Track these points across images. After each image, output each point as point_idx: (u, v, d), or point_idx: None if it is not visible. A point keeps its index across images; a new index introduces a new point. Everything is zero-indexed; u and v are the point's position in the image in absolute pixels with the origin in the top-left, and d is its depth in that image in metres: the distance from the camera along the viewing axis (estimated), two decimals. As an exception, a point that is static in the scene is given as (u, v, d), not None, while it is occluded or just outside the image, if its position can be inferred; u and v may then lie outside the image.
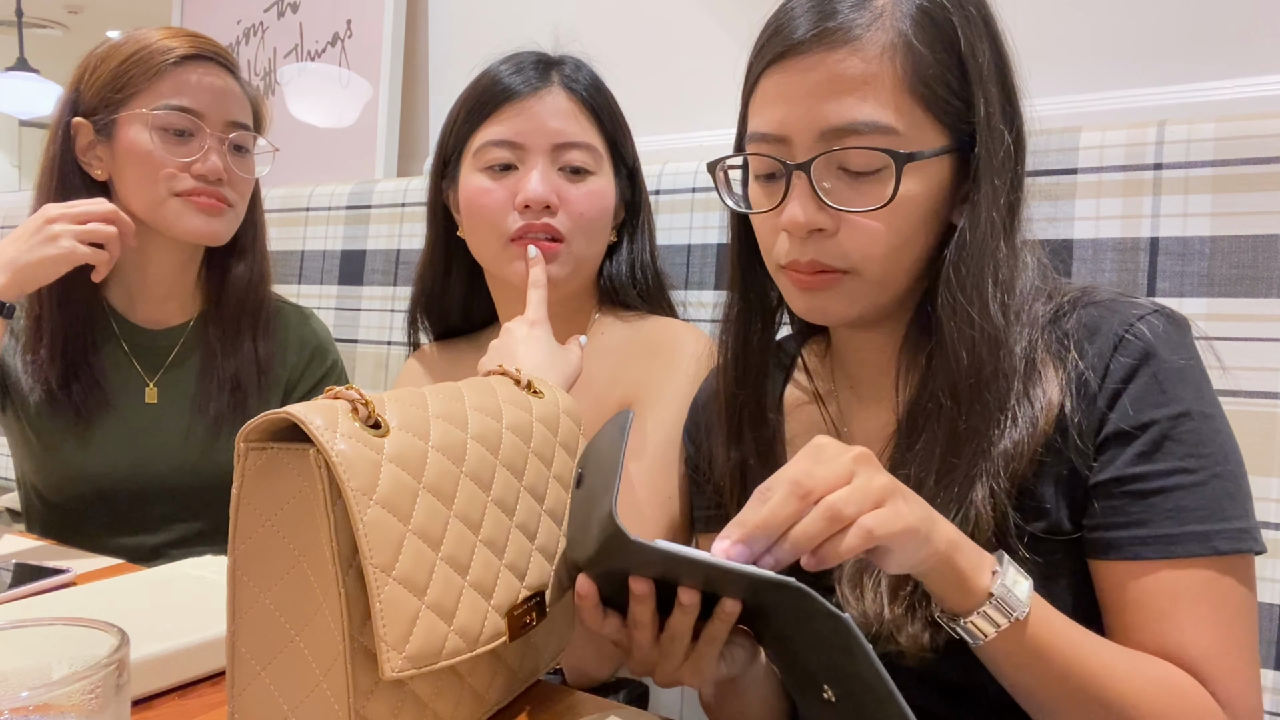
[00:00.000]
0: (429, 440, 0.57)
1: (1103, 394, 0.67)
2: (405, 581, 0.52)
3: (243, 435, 0.53)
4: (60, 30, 4.45)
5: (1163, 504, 0.65)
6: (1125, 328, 0.68)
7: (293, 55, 2.11)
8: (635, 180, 1.12)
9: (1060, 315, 0.71)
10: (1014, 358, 0.68)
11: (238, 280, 1.26)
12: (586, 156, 1.04)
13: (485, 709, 0.63)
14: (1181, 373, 0.67)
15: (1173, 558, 0.64)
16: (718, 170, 0.77)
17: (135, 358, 1.23)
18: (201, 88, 1.16)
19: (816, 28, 0.69)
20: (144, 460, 1.20)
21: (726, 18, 1.50)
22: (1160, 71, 1.14)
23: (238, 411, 1.23)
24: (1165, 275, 0.96)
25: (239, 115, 1.20)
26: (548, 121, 1.03)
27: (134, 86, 1.14)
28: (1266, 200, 0.91)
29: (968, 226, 0.70)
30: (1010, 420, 0.67)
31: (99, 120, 1.15)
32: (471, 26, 1.86)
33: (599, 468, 0.61)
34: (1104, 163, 1.00)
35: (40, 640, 0.46)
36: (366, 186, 1.70)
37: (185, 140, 1.15)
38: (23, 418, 1.19)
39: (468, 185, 1.05)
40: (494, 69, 1.06)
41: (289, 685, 0.54)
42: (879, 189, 0.68)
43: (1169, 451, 0.65)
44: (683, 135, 1.50)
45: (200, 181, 1.15)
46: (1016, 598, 0.61)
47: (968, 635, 0.62)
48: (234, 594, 0.55)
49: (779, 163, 0.71)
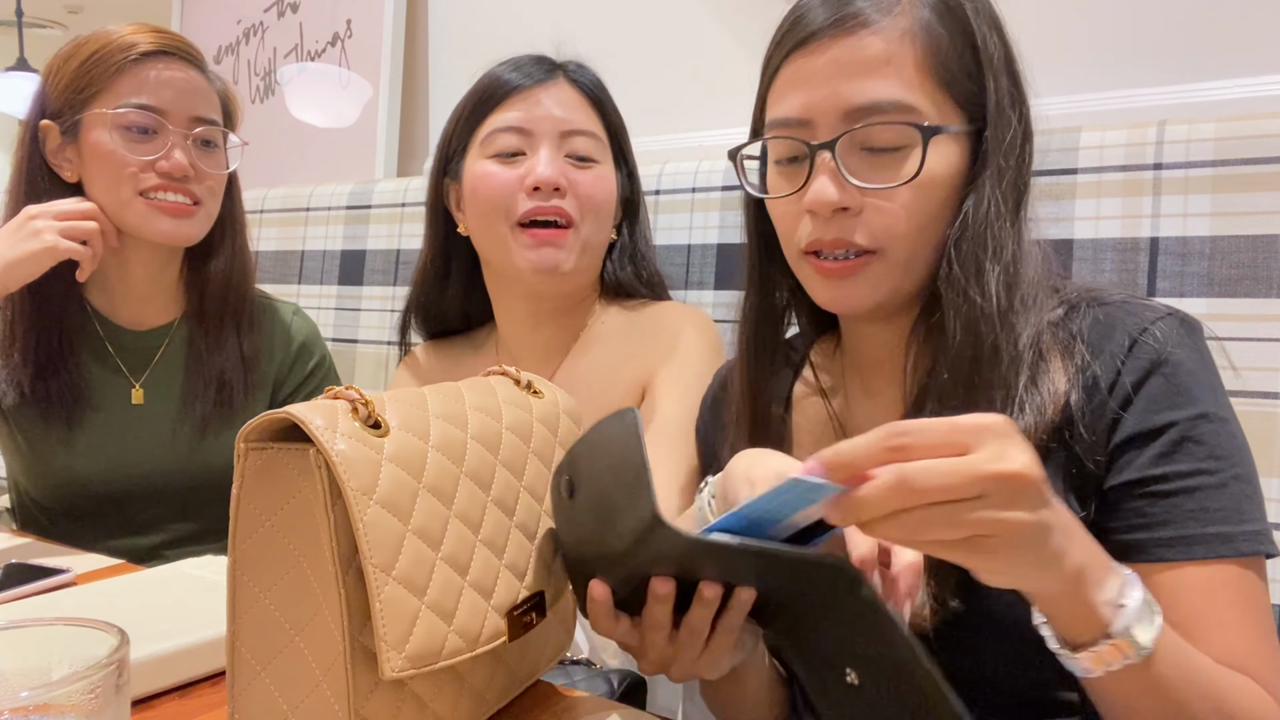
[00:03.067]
0: (429, 440, 0.57)
1: (1115, 394, 0.67)
2: (405, 581, 0.52)
3: (243, 435, 0.53)
4: (60, 30, 4.45)
5: (1185, 504, 0.64)
6: (1139, 330, 0.68)
7: (293, 55, 2.11)
8: (633, 180, 1.13)
9: (1069, 313, 0.71)
10: (1018, 341, 0.68)
11: (217, 277, 1.24)
12: (592, 145, 1.06)
13: (485, 709, 0.63)
14: (1196, 375, 0.67)
15: (1196, 559, 0.63)
16: (739, 158, 0.77)
17: (120, 359, 1.22)
18: (162, 84, 1.13)
19: (836, 14, 0.70)
20: (132, 461, 1.19)
21: (727, 18, 1.50)
22: (1160, 71, 1.14)
23: (224, 410, 1.22)
24: (1165, 275, 0.96)
25: (204, 110, 1.17)
26: (555, 109, 1.05)
27: (95, 86, 1.12)
28: (1266, 200, 0.91)
29: (972, 205, 0.70)
30: (1017, 408, 0.67)
31: (64, 122, 1.14)
32: (471, 26, 1.86)
33: (609, 469, 0.59)
34: (1104, 163, 1.00)
35: (40, 640, 0.46)
36: (366, 186, 1.70)
37: (148, 138, 1.13)
38: (10, 420, 1.19)
39: (474, 172, 1.06)
40: (497, 70, 1.08)
41: (289, 685, 0.54)
42: (904, 165, 0.69)
43: (1189, 452, 0.65)
44: (682, 135, 1.50)
45: (165, 179, 1.13)
46: (1137, 642, 0.54)
47: (1076, 669, 0.56)
48: (234, 594, 0.55)
49: (802, 144, 0.71)
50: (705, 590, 0.57)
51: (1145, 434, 0.66)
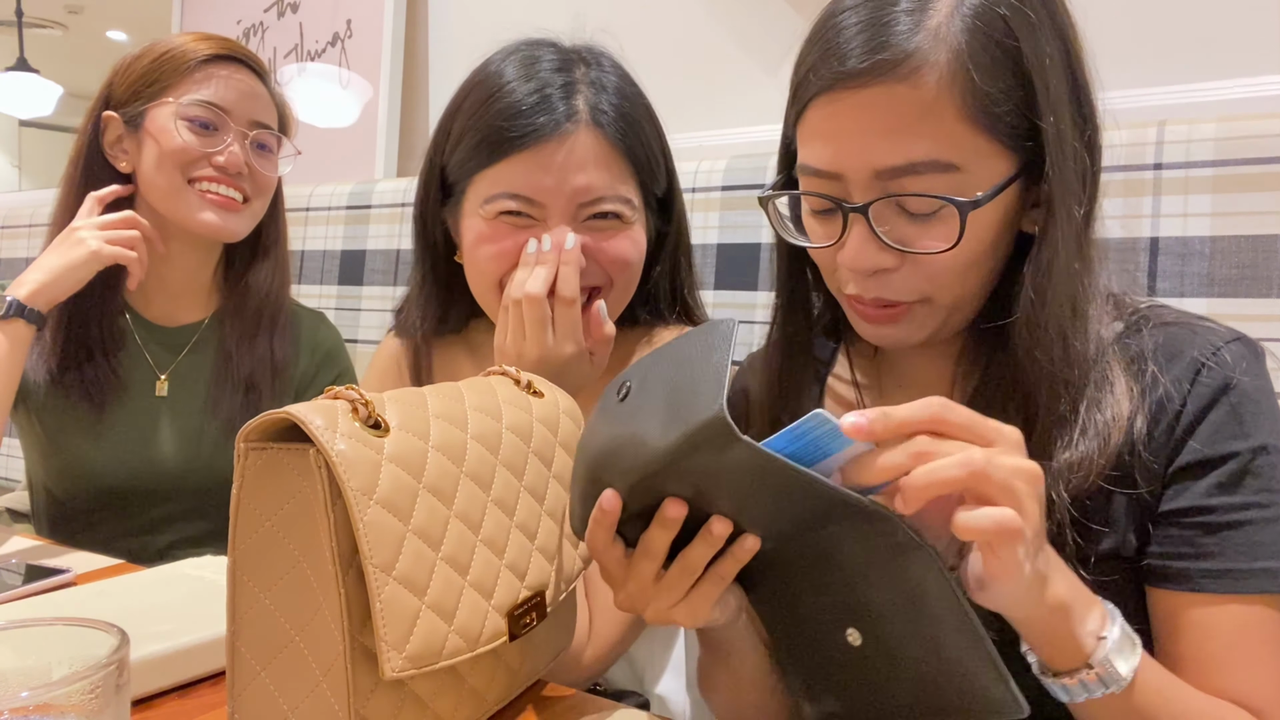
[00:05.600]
0: (429, 440, 0.57)
1: (1181, 421, 0.65)
2: (405, 581, 0.52)
3: (243, 435, 0.53)
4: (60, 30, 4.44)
5: (1235, 538, 0.63)
6: (1208, 354, 0.66)
7: (293, 55, 2.11)
8: (670, 205, 1.00)
9: (1131, 330, 0.69)
10: (1085, 370, 0.66)
11: (259, 283, 1.28)
12: (617, 207, 0.91)
13: (485, 709, 0.63)
14: (1260, 405, 0.66)
15: (1242, 593, 0.63)
16: (770, 205, 0.73)
17: (148, 352, 1.24)
18: (229, 86, 1.19)
19: (869, 58, 0.63)
20: (152, 455, 1.20)
21: (728, 19, 1.50)
22: (1160, 71, 1.14)
23: (250, 412, 1.20)
24: (1165, 275, 0.96)
25: (263, 115, 1.23)
26: (572, 177, 0.88)
27: (165, 81, 1.18)
28: (1266, 200, 0.91)
29: (1043, 251, 0.66)
30: (1079, 431, 0.65)
31: (128, 113, 1.19)
32: (471, 26, 1.86)
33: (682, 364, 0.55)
34: (1104, 163, 1.00)
35: (40, 640, 0.46)
36: (366, 186, 1.70)
37: (210, 133, 1.18)
38: (32, 411, 1.20)
39: (472, 231, 0.93)
40: (507, 82, 0.91)
41: (289, 685, 0.54)
42: (943, 229, 0.65)
43: (1246, 485, 0.64)
44: (683, 135, 1.50)
45: (220, 172, 1.18)
46: (1116, 673, 0.56)
47: (1059, 694, 0.58)
48: (234, 594, 0.55)
49: (835, 201, 0.67)
50: (715, 525, 0.56)
51: (1205, 462, 0.65)
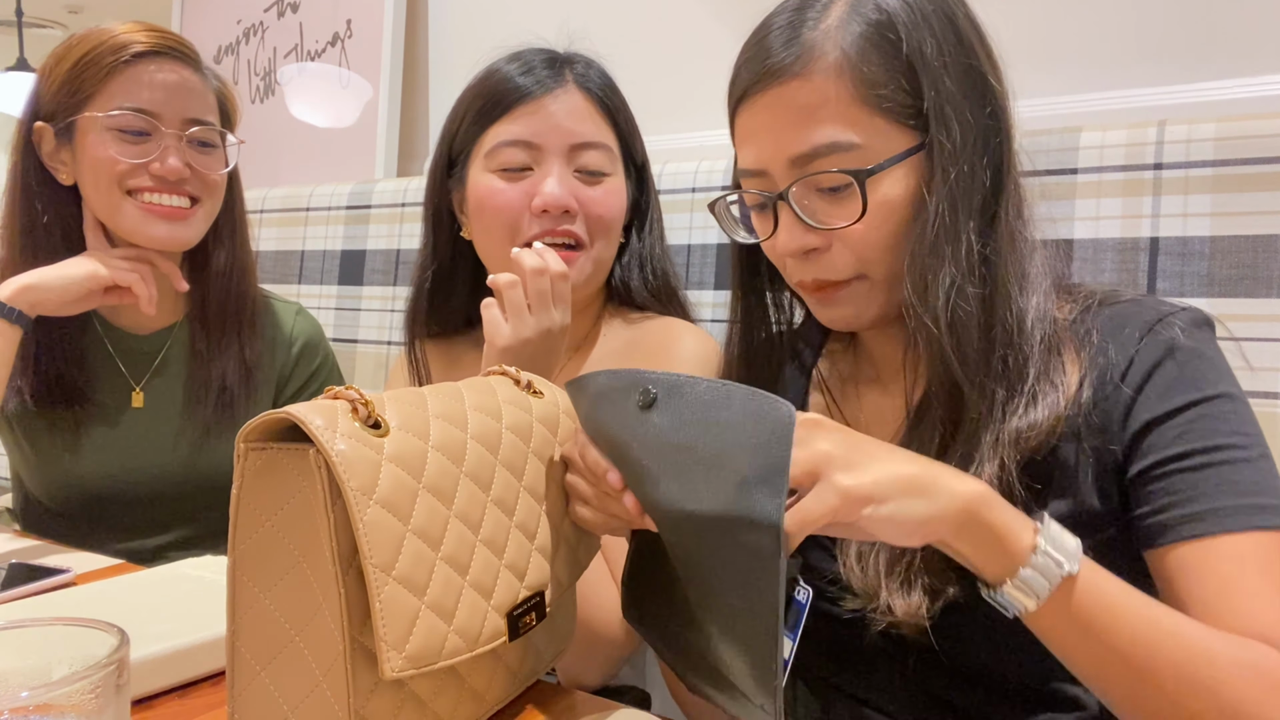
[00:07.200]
0: (429, 440, 0.57)
1: (1128, 379, 0.67)
2: (405, 581, 0.52)
3: (242, 435, 0.53)
4: (60, 30, 4.44)
5: (1212, 478, 0.64)
6: (1154, 320, 0.69)
7: (293, 55, 2.11)
8: (644, 178, 1.11)
9: (1083, 313, 0.72)
10: (1029, 339, 0.69)
11: (217, 275, 1.23)
12: (602, 158, 1.02)
13: (485, 709, 0.63)
14: (1211, 362, 0.68)
15: (1231, 530, 0.62)
16: (718, 207, 0.81)
17: (122, 362, 1.22)
18: (156, 85, 1.11)
19: (762, 69, 0.72)
20: (134, 465, 1.19)
21: (727, 17, 1.50)
22: (1160, 71, 1.14)
23: (226, 414, 1.21)
24: (1165, 275, 0.96)
25: (199, 112, 1.15)
26: (563, 121, 1.00)
27: (88, 89, 1.10)
28: (1266, 200, 0.91)
29: (926, 216, 0.70)
30: (1028, 399, 0.68)
31: (58, 124, 1.12)
32: (471, 26, 1.86)
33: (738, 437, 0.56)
34: (1104, 163, 1.00)
35: (40, 640, 0.46)
36: (366, 186, 1.70)
37: (142, 140, 1.11)
38: (14, 424, 1.19)
39: (478, 186, 1.02)
40: (502, 68, 1.03)
41: (289, 685, 0.54)
42: (852, 204, 0.71)
43: (1211, 429, 0.65)
44: (683, 135, 1.50)
45: (159, 182, 1.12)
46: (1065, 547, 0.57)
47: (1011, 606, 0.58)
48: (234, 594, 0.55)
49: (766, 196, 0.75)
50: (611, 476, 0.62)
51: (1161, 417, 0.66)
